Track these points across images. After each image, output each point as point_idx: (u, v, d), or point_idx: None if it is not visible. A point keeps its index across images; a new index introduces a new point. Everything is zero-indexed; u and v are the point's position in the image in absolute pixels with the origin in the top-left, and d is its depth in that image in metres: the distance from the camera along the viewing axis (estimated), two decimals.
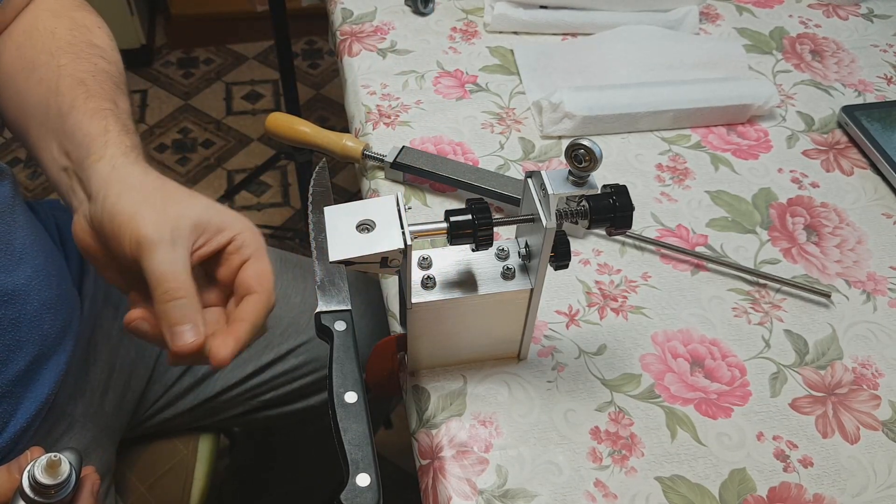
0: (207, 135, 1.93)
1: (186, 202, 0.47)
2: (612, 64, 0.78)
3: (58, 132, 0.53)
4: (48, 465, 0.43)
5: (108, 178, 0.48)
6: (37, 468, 0.43)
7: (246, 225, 0.49)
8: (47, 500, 0.43)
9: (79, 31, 0.60)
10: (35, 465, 0.43)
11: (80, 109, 0.52)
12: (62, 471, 0.43)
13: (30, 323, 0.59)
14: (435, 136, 0.72)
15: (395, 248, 0.45)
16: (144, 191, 0.47)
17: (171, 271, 0.44)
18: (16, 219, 0.60)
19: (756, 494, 0.51)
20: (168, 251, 0.44)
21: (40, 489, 0.43)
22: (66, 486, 0.44)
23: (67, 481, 0.44)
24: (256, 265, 0.48)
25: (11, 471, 0.45)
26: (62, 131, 0.52)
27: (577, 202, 0.46)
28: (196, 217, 0.47)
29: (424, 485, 0.52)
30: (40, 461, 0.43)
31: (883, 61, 0.84)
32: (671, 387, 0.56)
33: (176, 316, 0.44)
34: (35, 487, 0.43)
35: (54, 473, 0.43)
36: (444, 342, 0.54)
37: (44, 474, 0.43)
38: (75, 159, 0.51)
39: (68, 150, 0.52)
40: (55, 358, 0.62)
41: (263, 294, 0.47)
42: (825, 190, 0.70)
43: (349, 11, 0.85)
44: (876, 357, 0.59)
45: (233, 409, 0.80)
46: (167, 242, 0.44)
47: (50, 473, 0.43)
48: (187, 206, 0.47)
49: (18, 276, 0.58)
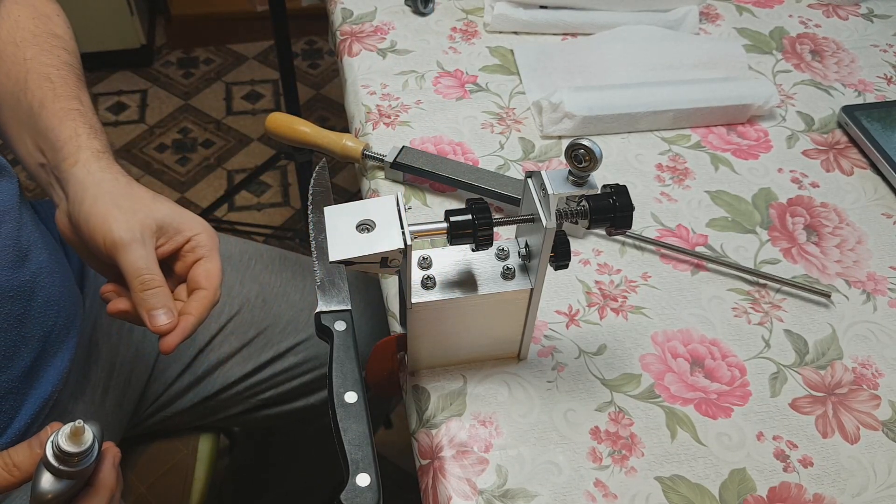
0: (207, 135, 1.93)
1: (151, 206, 0.54)
2: (612, 64, 0.78)
3: (31, 129, 0.57)
4: (72, 432, 0.43)
5: (83, 183, 0.53)
6: (61, 436, 0.43)
7: (203, 227, 0.55)
8: (71, 468, 0.43)
9: (41, 21, 0.63)
10: (59, 433, 0.43)
11: (50, 110, 0.57)
12: (86, 439, 0.43)
13: (35, 319, 0.59)
14: (435, 136, 0.72)
15: (395, 248, 0.45)
16: (115, 195, 0.53)
17: (145, 266, 0.51)
18: (22, 216, 0.61)
19: (756, 494, 0.51)
20: (140, 248, 0.51)
21: (65, 457, 0.43)
22: (90, 454, 0.44)
23: (91, 450, 0.44)
24: (207, 264, 0.54)
25: (32, 446, 0.45)
26: (35, 129, 0.57)
27: (577, 202, 0.46)
28: (160, 219, 0.53)
29: (424, 485, 0.52)
30: (64, 429, 0.43)
31: (883, 61, 0.84)
32: (671, 387, 0.56)
33: (151, 303, 0.51)
34: (59, 456, 0.43)
35: (78, 441, 0.43)
36: (444, 342, 0.54)
37: (68, 442, 0.43)
38: (51, 160, 0.56)
39: (43, 149, 0.57)
40: (59, 355, 0.63)
41: (210, 291, 0.53)
42: (825, 190, 0.70)
43: (349, 11, 0.85)
44: (876, 357, 0.59)
45: (232, 407, 0.80)
46: (139, 241, 0.51)
47: (74, 441, 0.43)
48: (152, 210, 0.53)
49: (24, 273, 0.59)
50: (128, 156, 1.87)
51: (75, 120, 0.57)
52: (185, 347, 0.76)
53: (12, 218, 0.59)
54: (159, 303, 0.51)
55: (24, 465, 0.45)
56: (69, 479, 0.44)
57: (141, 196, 0.54)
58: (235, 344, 0.78)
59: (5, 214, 0.59)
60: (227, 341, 0.77)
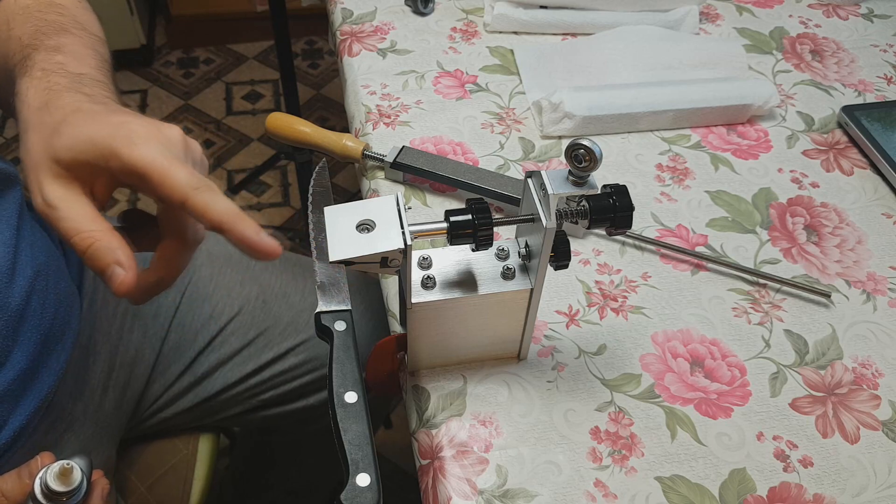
0: (207, 135, 1.93)
1: (52, 140, 0.44)
2: (612, 64, 0.78)
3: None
4: (60, 472, 0.43)
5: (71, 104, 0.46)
6: (49, 475, 0.43)
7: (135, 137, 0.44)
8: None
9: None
10: (47, 472, 0.43)
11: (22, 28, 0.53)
12: (74, 478, 0.44)
13: (31, 321, 0.59)
14: (435, 136, 0.72)
15: (395, 248, 0.45)
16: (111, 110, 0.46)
17: (73, 226, 0.43)
18: (23, 215, 0.61)
19: (756, 494, 0.51)
20: (73, 204, 0.43)
21: (52, 496, 0.43)
22: (78, 492, 0.44)
23: (79, 488, 0.44)
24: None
25: (22, 476, 0.45)
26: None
27: (577, 202, 0.46)
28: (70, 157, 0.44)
29: (424, 485, 0.52)
30: (52, 468, 0.43)
31: (883, 61, 0.84)
32: (671, 387, 0.56)
33: (98, 262, 0.43)
34: (47, 494, 0.43)
35: (67, 481, 0.43)
36: (444, 342, 0.54)
37: (56, 482, 0.43)
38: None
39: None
40: (55, 356, 0.62)
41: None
42: (825, 190, 0.70)
43: (349, 11, 0.85)
44: (876, 357, 0.59)
45: (232, 408, 0.80)
46: (70, 197, 0.43)
47: (62, 481, 0.43)
48: (55, 146, 0.44)
49: (19, 279, 0.58)
50: None
51: (39, 32, 0.52)
52: (186, 348, 0.76)
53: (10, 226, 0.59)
54: (104, 259, 0.42)
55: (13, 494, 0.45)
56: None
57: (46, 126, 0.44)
58: (236, 345, 0.78)
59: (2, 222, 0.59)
60: (227, 342, 0.77)
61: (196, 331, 0.77)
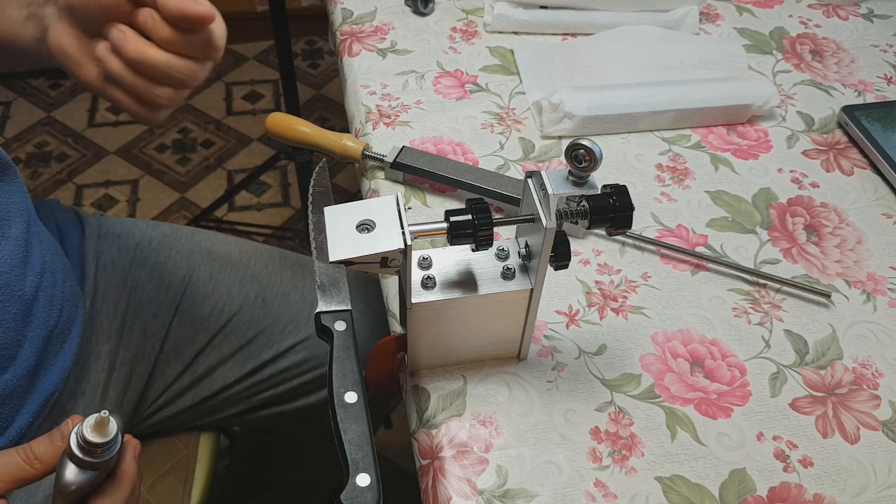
0: (207, 135, 1.93)
1: None
2: (612, 64, 0.78)
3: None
4: (97, 423, 0.42)
5: None
6: (85, 427, 0.42)
7: None
8: (96, 458, 0.43)
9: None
10: (83, 424, 0.43)
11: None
12: (110, 429, 0.43)
13: (38, 318, 0.59)
14: (435, 136, 0.72)
15: (395, 248, 0.45)
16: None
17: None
18: (30, 217, 0.61)
19: (756, 494, 0.51)
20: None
21: (90, 448, 0.43)
22: (114, 445, 0.44)
23: (115, 440, 0.43)
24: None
25: (53, 439, 0.45)
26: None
27: (577, 202, 0.46)
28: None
29: (424, 485, 0.52)
30: (88, 420, 0.43)
31: (883, 61, 0.84)
32: (671, 387, 0.56)
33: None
34: (83, 447, 0.43)
35: (103, 432, 0.43)
36: (444, 342, 0.54)
37: (93, 432, 0.42)
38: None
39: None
40: (61, 354, 0.63)
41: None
42: (825, 190, 0.70)
43: (349, 11, 0.85)
44: (876, 357, 0.59)
45: (232, 407, 0.80)
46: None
47: (99, 432, 0.43)
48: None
49: (30, 273, 0.59)
50: (128, 156, 1.87)
51: None
52: (186, 347, 0.76)
53: (23, 220, 0.60)
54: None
55: (46, 457, 0.45)
56: (93, 469, 0.44)
57: None
58: (235, 344, 0.78)
59: (17, 215, 0.59)
60: (226, 341, 0.77)
61: (196, 330, 0.77)
